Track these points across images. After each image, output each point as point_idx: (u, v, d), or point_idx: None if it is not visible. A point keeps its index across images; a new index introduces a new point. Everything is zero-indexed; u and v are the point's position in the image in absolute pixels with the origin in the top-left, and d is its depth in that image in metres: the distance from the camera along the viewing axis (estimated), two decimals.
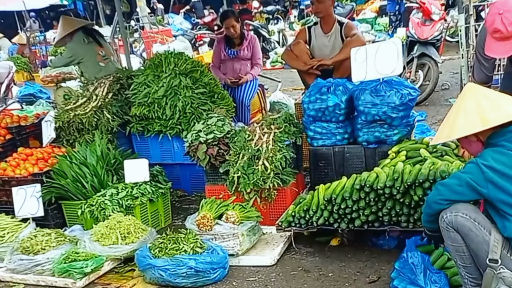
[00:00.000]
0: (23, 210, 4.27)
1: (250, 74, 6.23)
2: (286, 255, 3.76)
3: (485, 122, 2.45)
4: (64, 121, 4.91)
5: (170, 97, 4.92)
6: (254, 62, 6.30)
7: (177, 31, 15.37)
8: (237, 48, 6.19)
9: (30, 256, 3.78)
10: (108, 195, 4.21)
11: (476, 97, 2.53)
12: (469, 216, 2.49)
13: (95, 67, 5.98)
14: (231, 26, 6.03)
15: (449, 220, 2.52)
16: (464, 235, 2.52)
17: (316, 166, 4.14)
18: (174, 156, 5.13)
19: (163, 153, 5.16)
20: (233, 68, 6.24)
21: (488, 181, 2.43)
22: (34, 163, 4.51)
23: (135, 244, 3.83)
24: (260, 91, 6.61)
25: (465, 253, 2.57)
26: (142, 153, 5.08)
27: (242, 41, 6.17)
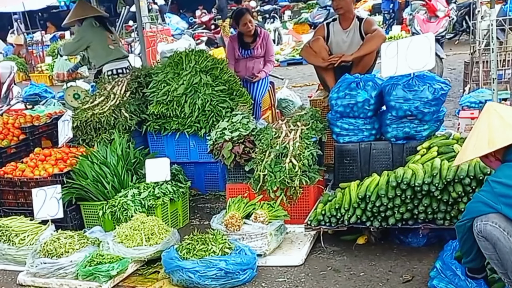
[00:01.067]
0: (42, 212, 4.18)
1: (263, 71, 6.16)
2: (313, 254, 3.68)
3: (491, 144, 2.48)
4: (82, 120, 4.82)
5: (189, 95, 4.84)
6: (267, 59, 6.22)
7: (175, 30, 15.27)
8: (251, 47, 6.09)
9: (53, 259, 3.68)
10: (130, 195, 4.13)
11: (490, 117, 2.55)
12: (499, 226, 2.47)
13: (105, 50, 6.10)
14: (248, 21, 5.93)
15: (479, 229, 2.51)
16: (493, 244, 2.49)
17: (341, 163, 4.06)
18: (190, 154, 5.05)
19: (178, 152, 5.07)
20: (246, 66, 6.14)
21: (500, 196, 2.44)
22: (54, 164, 4.41)
23: (159, 245, 3.75)
24: (271, 88, 6.53)
25: (498, 261, 2.53)
26: (158, 152, 5.00)
27: (255, 39, 6.07)
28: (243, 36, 6.09)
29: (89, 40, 6.05)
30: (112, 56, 5.87)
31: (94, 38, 6.06)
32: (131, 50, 13.02)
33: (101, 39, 6.05)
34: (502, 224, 2.44)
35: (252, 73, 6.07)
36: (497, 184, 2.45)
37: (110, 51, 6.02)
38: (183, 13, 18.53)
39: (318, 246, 3.71)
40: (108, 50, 6.04)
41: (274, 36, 14.78)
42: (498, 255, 2.48)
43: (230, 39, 6.34)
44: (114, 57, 5.73)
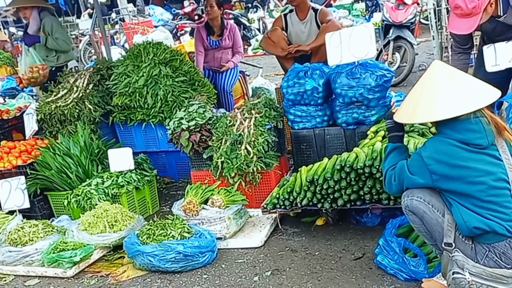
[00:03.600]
0: (9, 203, 4.29)
1: (232, 62, 6.33)
2: (273, 236, 3.86)
3: (413, 117, 2.58)
4: (46, 113, 4.91)
5: (151, 86, 4.97)
6: (235, 50, 6.40)
7: (158, 22, 15.30)
8: (218, 38, 6.24)
9: (18, 248, 3.81)
10: (93, 184, 4.26)
11: (432, 82, 2.52)
12: (423, 200, 2.61)
13: (69, 45, 6.18)
14: (209, 5, 6.05)
15: (406, 204, 2.67)
16: (420, 217, 2.65)
17: (298, 148, 4.23)
18: (159, 143, 5.20)
19: (147, 141, 5.22)
20: (215, 57, 6.31)
21: (432, 173, 2.52)
22: (18, 156, 4.52)
23: (123, 232, 3.89)
24: (242, 78, 6.70)
25: (427, 233, 2.70)
26: (127, 142, 5.13)
27: (222, 31, 6.23)
28: (211, 27, 6.23)
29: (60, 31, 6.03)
30: (72, 53, 5.93)
31: (62, 31, 6.07)
32: (114, 42, 13.01)
33: (64, 33, 6.08)
34: (426, 198, 2.61)
35: (220, 63, 6.22)
36: (430, 160, 2.50)
37: (71, 47, 6.09)
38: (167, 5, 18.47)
39: (279, 228, 3.89)
40: (71, 46, 6.09)
41: (259, 25, 14.89)
42: (426, 228, 2.66)
43: (198, 29, 6.47)
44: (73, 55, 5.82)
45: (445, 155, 2.48)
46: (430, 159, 2.52)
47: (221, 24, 6.24)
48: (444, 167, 2.49)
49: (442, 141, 2.52)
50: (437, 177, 2.52)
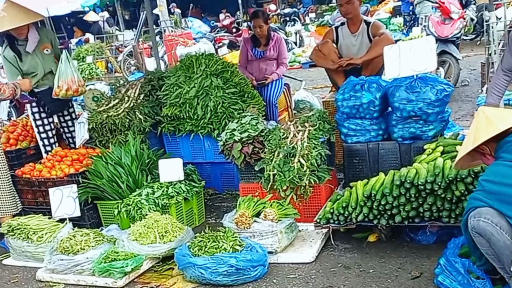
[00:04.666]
0: (59, 211, 4.33)
1: (276, 73, 6.31)
2: (324, 252, 3.76)
3: (475, 141, 2.63)
4: (97, 122, 4.97)
5: (201, 97, 4.97)
6: (279, 61, 6.39)
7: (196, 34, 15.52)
8: (263, 49, 6.27)
9: (69, 256, 3.83)
10: (144, 194, 4.26)
11: (477, 119, 2.71)
12: (491, 221, 2.54)
13: None
14: (258, 26, 6.14)
15: (473, 225, 2.60)
16: (487, 239, 2.56)
17: (350, 162, 4.14)
18: (205, 155, 5.19)
19: (194, 152, 5.21)
20: (259, 67, 6.31)
21: (491, 194, 2.55)
22: (70, 164, 4.57)
23: (173, 243, 3.87)
24: (286, 90, 6.66)
25: (495, 255, 2.60)
26: (173, 152, 5.14)
27: (268, 42, 6.25)
28: (257, 37, 6.26)
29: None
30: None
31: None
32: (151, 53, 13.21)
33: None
34: (494, 219, 2.52)
35: (265, 74, 6.21)
36: (486, 183, 2.57)
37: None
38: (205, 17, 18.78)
39: (330, 244, 3.80)
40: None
41: (296, 39, 14.96)
42: (493, 250, 2.55)
43: (244, 41, 6.51)
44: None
45: (501, 175, 2.52)
46: (487, 181, 2.57)
47: (267, 35, 6.26)
48: (500, 187, 2.51)
49: (497, 163, 2.59)
50: (494, 197, 2.52)
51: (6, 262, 4.32)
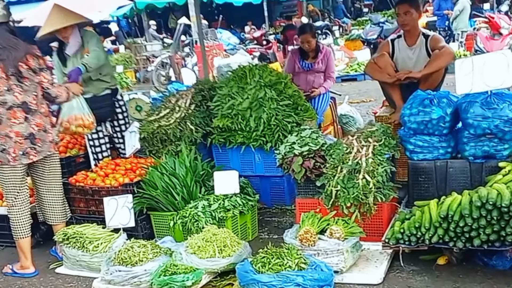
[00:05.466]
0: (114, 220, 4.26)
1: (323, 87, 6.24)
2: (391, 273, 3.61)
3: None
4: (149, 132, 4.91)
5: (254, 109, 4.89)
6: (327, 75, 6.33)
7: (227, 45, 15.54)
8: (311, 61, 6.21)
9: (127, 268, 3.74)
10: (200, 207, 4.17)
11: None
12: None
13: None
14: (306, 41, 6.12)
15: None
16: None
17: (415, 180, 4.00)
18: (255, 168, 5.09)
19: (243, 165, 5.11)
20: (307, 80, 6.25)
21: None
22: (124, 174, 4.51)
23: (232, 258, 3.76)
24: (332, 104, 6.56)
25: None
26: (223, 164, 5.05)
27: (317, 54, 6.20)
28: (305, 52, 6.20)
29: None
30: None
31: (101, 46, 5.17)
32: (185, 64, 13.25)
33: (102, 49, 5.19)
34: None
35: (312, 86, 6.13)
36: None
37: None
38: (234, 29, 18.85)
39: (395, 265, 3.65)
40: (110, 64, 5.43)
41: None
42: None
43: (291, 52, 6.45)
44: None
45: None
46: None
47: (315, 48, 6.20)
48: None
49: None
50: None
51: (59, 270, 4.26)
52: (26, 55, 3.95)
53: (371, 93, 11.75)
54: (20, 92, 3.96)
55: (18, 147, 3.99)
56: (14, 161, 3.99)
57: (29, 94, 4.00)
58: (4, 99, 3.92)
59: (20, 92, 3.95)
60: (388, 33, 16.54)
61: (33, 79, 4.01)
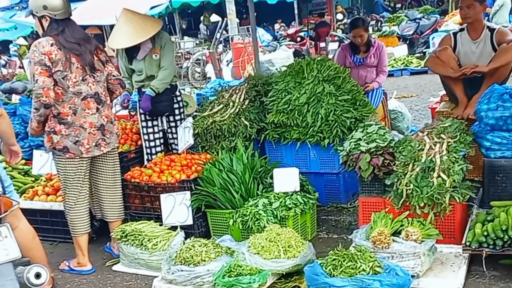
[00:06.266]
0: (171, 218, 4.14)
1: (376, 81, 6.03)
2: (470, 278, 3.39)
3: None
4: (203, 127, 4.78)
5: (312, 104, 4.72)
6: (380, 69, 6.12)
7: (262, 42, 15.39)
8: (363, 55, 6.01)
9: (190, 267, 3.61)
10: (261, 205, 4.01)
11: None
12: None
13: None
14: (359, 36, 5.93)
15: None
16: None
17: (491, 179, 3.77)
18: (309, 164, 4.92)
19: (297, 162, 4.94)
20: (359, 75, 6.05)
21: None
22: (180, 170, 4.38)
23: (298, 259, 3.60)
24: (384, 99, 6.34)
25: None
26: (276, 161, 4.88)
27: (368, 48, 6.00)
28: (356, 46, 6.01)
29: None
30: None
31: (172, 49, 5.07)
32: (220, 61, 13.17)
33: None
34: None
35: (365, 82, 5.94)
36: None
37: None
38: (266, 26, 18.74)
39: (472, 269, 3.44)
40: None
41: None
42: None
43: (342, 47, 6.26)
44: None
45: None
46: None
47: (367, 42, 6.00)
48: None
49: None
50: None
51: (116, 268, 4.16)
52: (96, 48, 4.00)
53: (410, 88, 11.47)
54: (93, 83, 3.97)
55: (91, 138, 3.97)
56: (87, 153, 3.97)
57: (100, 85, 4.03)
58: (79, 89, 3.90)
59: (93, 83, 3.97)
60: (424, 29, 16.18)
61: (103, 70, 4.04)
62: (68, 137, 3.91)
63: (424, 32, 16.01)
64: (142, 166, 4.87)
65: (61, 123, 3.89)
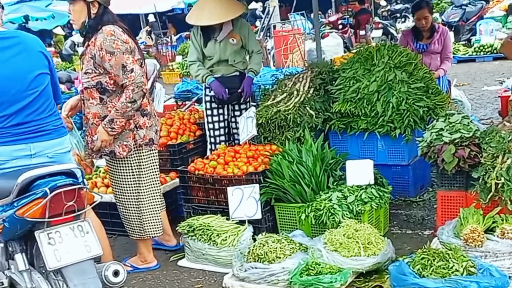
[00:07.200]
0: (238, 212, 3.98)
1: (442, 69, 5.72)
2: None
3: None
4: (267, 117, 4.58)
5: (383, 93, 4.47)
6: (444, 56, 5.82)
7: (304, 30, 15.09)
8: (426, 42, 5.71)
9: (264, 265, 3.44)
10: (334, 198, 3.81)
11: None
12: None
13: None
14: (423, 17, 5.63)
15: None
16: None
17: None
18: (377, 156, 4.67)
19: (363, 153, 4.71)
20: (423, 62, 5.72)
21: None
22: (246, 162, 4.20)
23: (378, 257, 3.40)
24: (449, 88, 6.03)
25: None
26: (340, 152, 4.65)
27: (432, 34, 5.69)
28: (419, 30, 5.72)
29: None
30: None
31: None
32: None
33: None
34: None
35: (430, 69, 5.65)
36: None
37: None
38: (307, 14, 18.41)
39: None
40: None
41: None
42: None
43: (403, 34, 5.98)
44: None
45: None
46: None
47: (431, 26, 5.69)
48: None
49: None
50: None
51: (182, 263, 4.02)
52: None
53: (460, 77, 11.03)
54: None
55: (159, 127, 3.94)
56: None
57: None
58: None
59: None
60: (470, 15, 15.60)
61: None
62: (151, 128, 3.75)
63: (470, 19, 15.45)
64: (202, 157, 4.73)
65: (143, 115, 3.71)
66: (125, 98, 3.52)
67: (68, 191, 2.68)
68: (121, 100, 3.53)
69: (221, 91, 4.70)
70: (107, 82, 3.59)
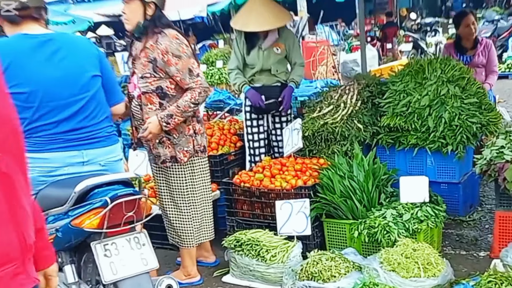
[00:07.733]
0: (287, 227, 3.85)
1: (487, 83, 5.56)
2: None
3: None
4: (314, 130, 4.47)
5: (435, 107, 4.33)
6: (490, 69, 5.66)
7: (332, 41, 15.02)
8: (470, 54, 5.57)
9: (319, 283, 3.30)
10: (389, 216, 3.66)
11: None
12: None
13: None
14: (471, 23, 5.49)
15: None
16: None
17: None
18: (426, 172, 4.49)
19: (411, 169, 4.57)
20: None
21: None
22: (294, 175, 4.08)
23: (439, 278, 3.23)
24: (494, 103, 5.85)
25: None
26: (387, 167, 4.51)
27: (475, 46, 5.55)
28: (462, 42, 5.60)
29: None
30: None
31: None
32: None
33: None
34: None
35: None
36: None
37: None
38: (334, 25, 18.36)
39: None
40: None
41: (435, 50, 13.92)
42: None
43: (445, 46, 5.85)
44: None
45: None
46: None
47: (474, 39, 5.56)
48: None
49: None
50: None
51: (226, 279, 3.90)
52: None
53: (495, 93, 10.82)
54: None
55: None
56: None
57: None
58: None
59: None
60: (502, 31, 15.37)
61: None
62: (203, 135, 3.72)
63: (501, 35, 15.22)
64: (241, 169, 4.62)
65: (198, 122, 3.68)
66: (189, 98, 3.45)
67: (128, 201, 2.58)
68: (184, 98, 3.45)
69: (257, 99, 4.57)
70: (167, 87, 3.51)
